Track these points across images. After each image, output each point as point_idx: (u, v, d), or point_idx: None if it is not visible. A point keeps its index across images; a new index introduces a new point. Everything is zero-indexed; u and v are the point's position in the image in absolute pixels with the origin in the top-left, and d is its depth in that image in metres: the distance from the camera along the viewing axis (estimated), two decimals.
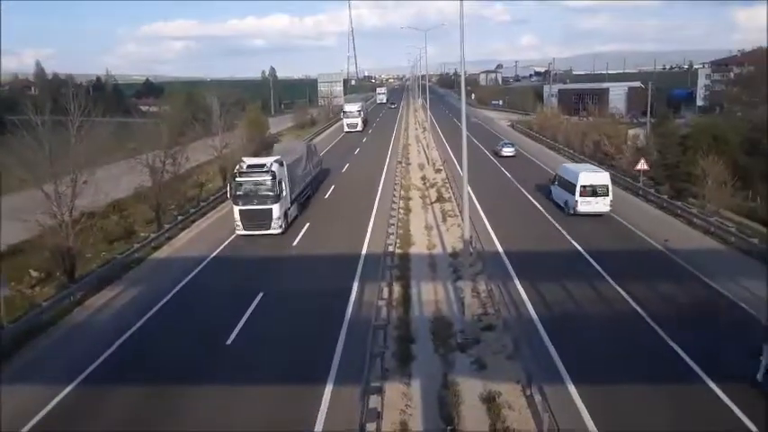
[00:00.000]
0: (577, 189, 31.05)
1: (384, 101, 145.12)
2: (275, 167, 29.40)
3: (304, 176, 35.99)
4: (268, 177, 28.87)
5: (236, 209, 28.90)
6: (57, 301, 20.57)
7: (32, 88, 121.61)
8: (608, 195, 31.08)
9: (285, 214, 29.79)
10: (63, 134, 26.21)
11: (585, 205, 31.11)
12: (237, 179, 29.09)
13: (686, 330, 17.38)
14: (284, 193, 29.76)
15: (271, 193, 28.79)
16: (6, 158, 26.42)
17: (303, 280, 23.21)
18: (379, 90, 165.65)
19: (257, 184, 28.94)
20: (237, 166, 29.93)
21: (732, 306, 19.54)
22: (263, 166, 29.64)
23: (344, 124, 79.17)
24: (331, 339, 17.53)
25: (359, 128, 78.02)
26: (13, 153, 25.17)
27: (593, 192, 31.17)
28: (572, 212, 31.36)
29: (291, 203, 31.40)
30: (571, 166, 35.94)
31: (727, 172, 33.25)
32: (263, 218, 28.75)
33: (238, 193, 28.86)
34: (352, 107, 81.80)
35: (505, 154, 53.93)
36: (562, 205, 32.90)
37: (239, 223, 28.95)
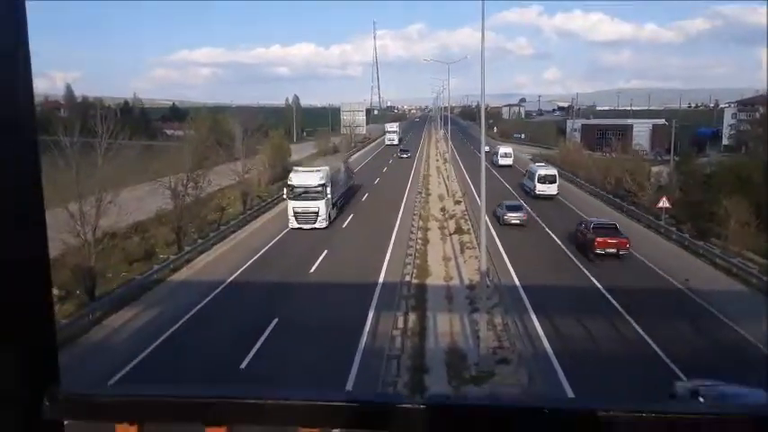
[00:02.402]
0: None
1: (395, 142, 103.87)
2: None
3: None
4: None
5: None
6: (76, 320, 20.81)
7: (62, 110, 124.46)
8: None
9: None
10: (91, 155, 26.84)
11: None
12: None
13: (708, 374, 17.06)
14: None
15: None
16: None
17: (319, 306, 23.23)
18: (388, 127, 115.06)
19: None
20: None
21: (752, 347, 19.21)
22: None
23: (290, 212, 37.76)
24: (344, 366, 17.48)
25: (320, 222, 37.40)
26: (42, 172, 25.70)
27: None
28: None
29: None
30: None
31: (750, 212, 32.86)
32: None
33: None
34: (306, 179, 38.49)
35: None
36: None
37: None
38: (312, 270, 28.38)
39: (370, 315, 21.97)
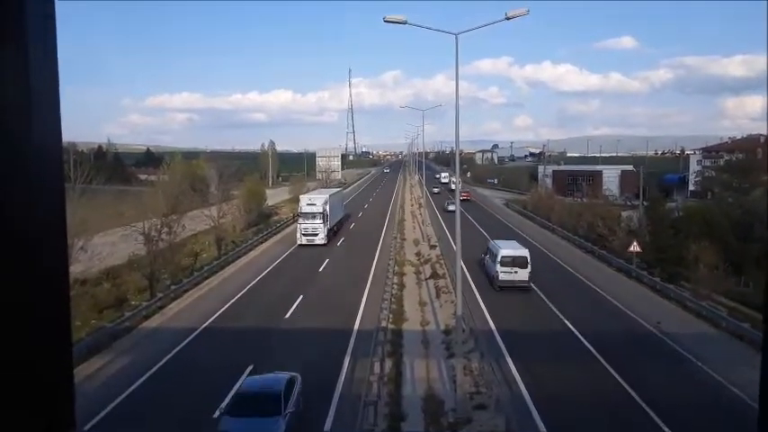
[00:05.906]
0: None
1: (318, 239, 46.54)
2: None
3: None
4: None
5: None
6: None
7: None
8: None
9: None
10: None
11: None
12: None
13: (683, 418, 17.20)
14: None
15: None
16: None
17: (294, 353, 22.95)
18: (305, 203, 47.78)
19: None
20: None
21: (721, 389, 19.47)
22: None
23: None
24: (320, 414, 17.23)
25: None
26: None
27: None
28: None
29: None
30: None
31: (718, 256, 33.60)
32: None
33: None
34: None
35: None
36: None
37: None
38: (287, 316, 28.15)
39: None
